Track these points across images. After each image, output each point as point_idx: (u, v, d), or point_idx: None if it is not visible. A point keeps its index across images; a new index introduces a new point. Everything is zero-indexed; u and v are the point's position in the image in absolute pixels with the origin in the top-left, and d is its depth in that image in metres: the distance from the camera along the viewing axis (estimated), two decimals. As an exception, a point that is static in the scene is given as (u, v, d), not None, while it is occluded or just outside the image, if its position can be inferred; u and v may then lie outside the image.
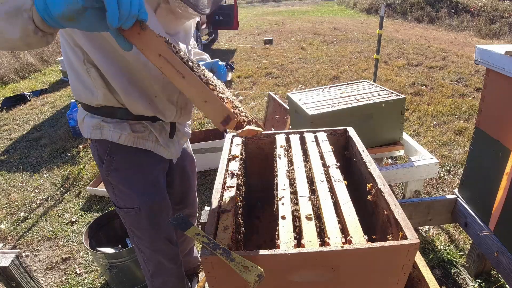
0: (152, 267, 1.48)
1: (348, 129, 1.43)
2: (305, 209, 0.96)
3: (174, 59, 0.71)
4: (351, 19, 13.23)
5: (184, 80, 0.71)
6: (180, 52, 0.87)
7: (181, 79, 0.71)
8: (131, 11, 0.69)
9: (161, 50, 0.70)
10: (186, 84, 0.71)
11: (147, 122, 1.23)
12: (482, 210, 1.79)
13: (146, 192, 1.30)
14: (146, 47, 0.70)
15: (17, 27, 0.72)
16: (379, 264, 0.83)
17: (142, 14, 0.71)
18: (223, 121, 0.73)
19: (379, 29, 3.97)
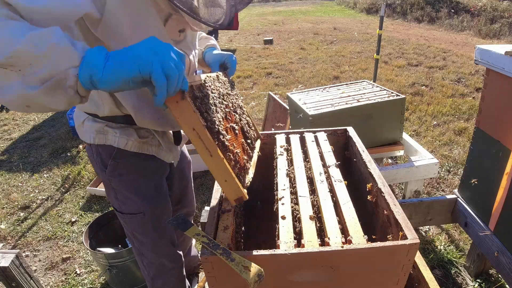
0: (154, 270, 1.47)
1: (348, 129, 1.43)
2: (305, 209, 0.96)
3: (205, 136, 0.74)
4: (351, 19, 13.23)
5: (211, 158, 0.75)
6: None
7: (208, 156, 0.75)
8: (177, 86, 0.71)
9: (196, 125, 0.73)
10: (211, 162, 0.76)
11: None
12: (482, 210, 1.79)
13: (151, 197, 1.29)
14: (181, 117, 0.73)
15: (61, 100, 0.71)
16: (379, 264, 0.83)
17: (184, 85, 0.73)
18: (236, 199, 0.82)
19: (379, 29, 3.97)
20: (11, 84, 0.66)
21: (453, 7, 10.89)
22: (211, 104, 0.92)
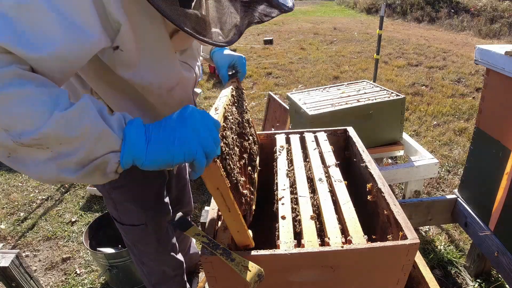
0: (156, 278, 1.45)
1: (348, 129, 1.43)
2: (305, 209, 0.96)
3: (228, 195, 0.76)
4: (351, 19, 13.23)
5: (229, 213, 0.78)
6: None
7: (227, 211, 0.78)
8: (212, 156, 0.69)
9: (221, 185, 0.75)
10: (229, 216, 0.79)
11: None
12: (482, 210, 1.79)
13: (152, 207, 1.28)
14: (209, 178, 0.74)
15: (98, 180, 0.68)
16: (379, 264, 0.83)
17: (217, 151, 0.71)
18: (243, 246, 0.84)
19: (379, 29, 3.97)
20: (37, 160, 0.61)
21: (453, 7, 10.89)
22: (232, 153, 0.94)
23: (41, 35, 0.61)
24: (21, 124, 0.58)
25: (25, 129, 0.58)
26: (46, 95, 0.60)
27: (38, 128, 0.58)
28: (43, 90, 0.61)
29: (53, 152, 0.61)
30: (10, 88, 0.57)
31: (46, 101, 0.60)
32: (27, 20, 0.60)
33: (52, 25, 0.62)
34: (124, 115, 0.70)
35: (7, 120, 0.58)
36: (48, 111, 0.59)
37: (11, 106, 0.58)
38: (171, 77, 0.97)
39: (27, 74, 0.61)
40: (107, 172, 0.66)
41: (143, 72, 0.87)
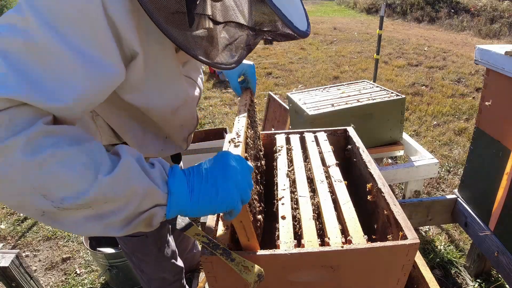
0: (155, 284, 1.44)
1: (348, 129, 1.42)
2: (305, 209, 0.96)
3: (249, 227, 0.78)
4: (351, 19, 13.23)
5: (248, 242, 0.80)
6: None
7: (246, 240, 0.79)
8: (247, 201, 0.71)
9: (244, 219, 0.77)
10: (247, 244, 0.80)
11: None
12: (482, 210, 1.79)
13: None
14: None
15: (143, 229, 0.68)
16: (379, 264, 0.83)
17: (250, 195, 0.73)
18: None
19: (379, 29, 3.97)
20: (78, 219, 0.58)
21: (453, 7, 10.89)
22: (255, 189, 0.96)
23: (60, 81, 0.57)
24: (63, 190, 0.55)
25: (68, 195, 0.55)
26: (84, 155, 0.58)
27: (83, 193, 0.56)
28: (79, 148, 0.58)
29: (96, 212, 0.59)
30: (44, 152, 0.54)
31: (86, 163, 0.57)
32: (40, 64, 0.55)
33: (70, 66, 0.57)
34: (162, 164, 0.69)
35: (46, 185, 0.54)
36: (91, 175, 0.57)
37: (49, 171, 0.54)
38: (177, 98, 0.94)
39: (56, 129, 0.57)
40: (153, 225, 0.67)
41: (148, 95, 0.84)
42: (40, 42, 0.55)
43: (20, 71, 0.54)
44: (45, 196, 0.55)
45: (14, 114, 0.54)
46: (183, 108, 0.99)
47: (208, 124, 4.44)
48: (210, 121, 4.52)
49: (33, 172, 0.53)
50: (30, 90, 0.54)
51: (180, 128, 1.09)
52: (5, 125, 0.53)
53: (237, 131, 0.96)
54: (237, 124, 1.07)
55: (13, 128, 0.53)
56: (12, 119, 0.53)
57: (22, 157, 0.52)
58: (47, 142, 0.54)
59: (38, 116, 0.56)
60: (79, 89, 0.59)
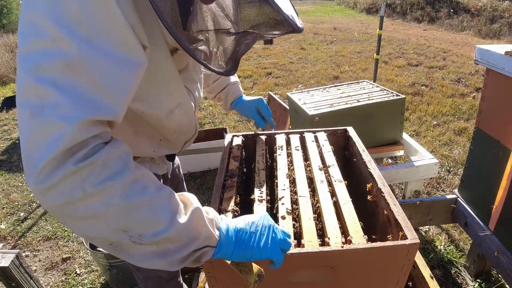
0: (152, 283, 1.45)
1: (348, 129, 1.42)
2: (305, 209, 0.96)
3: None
4: (351, 19, 13.23)
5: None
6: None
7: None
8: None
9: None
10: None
11: None
12: (482, 210, 1.79)
13: None
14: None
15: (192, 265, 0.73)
16: (379, 264, 0.83)
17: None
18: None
19: (379, 29, 3.97)
20: (144, 254, 0.65)
21: (453, 7, 10.89)
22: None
23: (109, 90, 0.61)
24: (144, 228, 0.62)
25: (148, 232, 0.62)
26: (166, 200, 0.66)
27: (160, 233, 0.63)
28: (162, 194, 0.66)
29: (162, 249, 0.66)
30: (136, 198, 0.61)
31: (166, 207, 0.65)
32: (87, 81, 0.58)
33: (111, 73, 0.61)
34: (214, 215, 0.76)
35: (131, 224, 0.61)
36: (170, 218, 0.64)
37: (138, 213, 0.61)
38: (171, 98, 0.95)
39: (140, 175, 0.64)
40: (201, 261, 0.73)
41: (142, 96, 0.86)
42: (80, 58, 0.57)
43: (74, 94, 0.57)
44: (126, 231, 0.62)
45: (106, 156, 0.59)
46: (179, 111, 0.99)
47: (208, 124, 4.44)
48: (210, 121, 4.52)
49: (125, 213, 0.60)
50: (89, 110, 0.58)
51: (177, 133, 1.08)
52: (100, 167, 0.58)
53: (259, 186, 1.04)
54: (257, 178, 1.13)
55: (109, 171, 0.59)
56: (105, 162, 0.59)
57: (119, 201, 0.59)
58: (138, 188, 0.62)
59: (122, 152, 0.63)
60: (124, 90, 0.63)
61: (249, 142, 1.40)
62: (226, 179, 1.12)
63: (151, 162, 1.21)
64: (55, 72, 0.56)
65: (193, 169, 3.36)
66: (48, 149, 0.54)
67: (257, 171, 1.17)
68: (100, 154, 0.58)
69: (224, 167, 1.18)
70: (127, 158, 0.63)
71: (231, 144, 1.35)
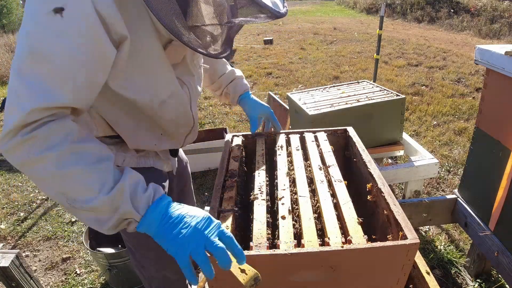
0: (157, 283, 1.43)
1: (348, 129, 1.42)
2: (305, 209, 0.96)
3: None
4: (351, 19, 13.23)
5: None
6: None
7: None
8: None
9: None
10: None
11: None
12: (482, 210, 1.79)
13: None
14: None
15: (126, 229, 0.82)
16: (379, 264, 0.83)
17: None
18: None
19: (379, 29, 3.97)
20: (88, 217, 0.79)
21: (453, 7, 10.89)
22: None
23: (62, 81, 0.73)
24: (75, 195, 0.75)
25: (78, 199, 0.75)
26: (96, 174, 0.76)
27: (87, 202, 0.75)
28: (93, 168, 0.76)
29: (96, 216, 0.78)
30: (67, 167, 0.73)
31: (96, 179, 0.76)
32: (44, 71, 0.71)
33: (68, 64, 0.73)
34: (155, 191, 0.83)
35: (65, 190, 0.75)
36: (97, 191, 0.75)
37: (69, 181, 0.74)
38: (163, 88, 0.98)
39: (80, 148, 0.76)
40: (130, 230, 0.82)
41: (133, 84, 0.91)
42: (41, 49, 0.71)
43: (31, 84, 0.71)
44: (64, 195, 0.76)
45: (49, 131, 0.73)
46: (172, 101, 1.02)
47: (208, 124, 4.44)
48: (210, 121, 4.52)
49: (59, 180, 0.74)
50: (41, 99, 0.71)
51: (174, 125, 1.10)
52: (42, 140, 0.72)
53: (259, 186, 1.05)
54: (258, 178, 1.13)
55: (48, 143, 0.72)
56: (47, 136, 0.73)
57: (53, 169, 0.73)
58: (73, 159, 0.74)
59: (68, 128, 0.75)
60: (80, 79, 0.75)
61: (249, 142, 1.41)
62: (226, 179, 1.12)
63: (156, 158, 1.22)
64: (21, 62, 0.71)
65: (193, 169, 3.35)
66: (8, 125, 0.72)
67: (258, 171, 1.17)
68: (43, 129, 0.72)
69: (224, 167, 1.18)
70: (70, 133, 0.75)
71: (231, 144, 1.35)
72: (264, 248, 0.83)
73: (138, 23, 0.83)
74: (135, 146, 1.10)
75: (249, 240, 0.87)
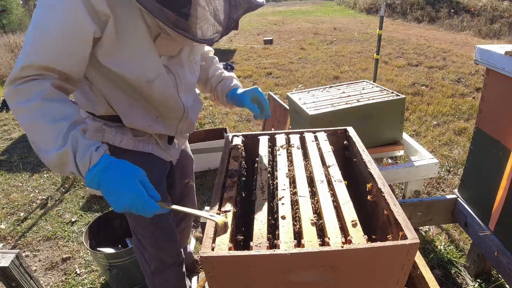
0: (154, 264, 1.49)
1: (348, 129, 1.42)
2: (305, 209, 0.96)
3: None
4: (351, 19, 13.23)
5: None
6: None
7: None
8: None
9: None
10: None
11: None
12: (482, 210, 1.79)
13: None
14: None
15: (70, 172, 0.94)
16: (379, 264, 0.83)
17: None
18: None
19: (379, 29, 3.97)
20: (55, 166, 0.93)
21: (453, 7, 10.89)
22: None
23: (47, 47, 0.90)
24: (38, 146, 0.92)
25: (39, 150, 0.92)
26: (53, 132, 0.89)
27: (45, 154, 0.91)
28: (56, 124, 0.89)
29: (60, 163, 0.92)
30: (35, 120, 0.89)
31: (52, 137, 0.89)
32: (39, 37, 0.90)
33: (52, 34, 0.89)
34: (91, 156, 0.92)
35: (33, 139, 0.91)
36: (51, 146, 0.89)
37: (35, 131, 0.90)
38: (149, 69, 1.06)
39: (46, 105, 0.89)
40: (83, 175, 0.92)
41: (121, 61, 1.01)
42: (38, 19, 0.90)
43: (31, 45, 0.90)
44: (34, 143, 0.92)
45: (30, 87, 0.89)
46: (158, 82, 1.09)
47: (208, 124, 4.44)
48: (210, 121, 4.52)
49: (30, 130, 0.91)
50: (32, 58, 0.90)
51: (164, 107, 1.18)
52: (24, 93, 0.89)
53: (260, 186, 1.08)
54: (258, 177, 1.14)
55: (27, 96, 0.89)
56: (28, 91, 0.89)
57: (26, 120, 0.90)
58: (40, 114, 0.89)
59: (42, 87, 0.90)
60: (60, 47, 0.90)
61: (249, 142, 1.41)
62: (226, 179, 1.12)
63: (156, 146, 1.29)
64: (31, 29, 0.90)
65: (193, 169, 3.35)
66: (10, 75, 0.90)
67: (258, 171, 1.17)
68: (27, 84, 0.89)
69: (224, 167, 1.18)
70: (43, 91, 0.89)
71: (231, 144, 1.35)
72: (264, 248, 0.83)
73: (122, 5, 0.94)
74: (131, 125, 1.18)
75: (249, 239, 0.87)
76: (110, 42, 0.97)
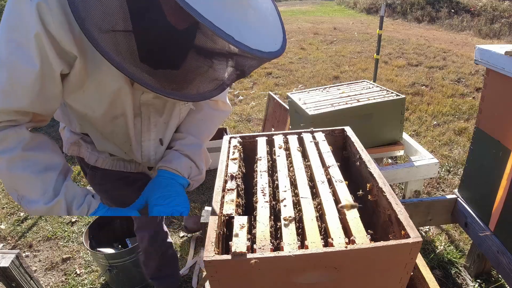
0: (148, 236, 1.58)
1: (345, 129, 1.42)
2: (307, 210, 0.96)
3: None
4: (351, 19, 13.23)
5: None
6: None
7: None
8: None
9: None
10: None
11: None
12: (482, 210, 1.79)
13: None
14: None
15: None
16: (382, 263, 0.83)
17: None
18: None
19: (379, 29, 3.97)
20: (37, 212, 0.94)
21: (453, 7, 10.89)
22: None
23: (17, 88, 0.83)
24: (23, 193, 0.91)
25: (24, 199, 0.91)
26: (40, 183, 0.89)
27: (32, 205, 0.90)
28: (38, 177, 0.89)
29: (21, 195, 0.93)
30: (15, 171, 0.87)
31: (39, 188, 0.89)
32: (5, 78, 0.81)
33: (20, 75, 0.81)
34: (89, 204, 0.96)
35: (16, 188, 0.91)
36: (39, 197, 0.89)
37: (16, 181, 0.89)
38: (113, 106, 0.99)
39: (31, 156, 0.88)
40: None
41: (85, 99, 0.96)
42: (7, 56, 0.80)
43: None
44: (16, 191, 0.91)
45: (6, 135, 0.85)
46: (123, 119, 1.03)
47: (208, 124, 4.43)
48: (210, 121, 4.52)
49: (9, 180, 0.90)
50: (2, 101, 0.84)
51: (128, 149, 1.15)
52: (1, 141, 0.86)
53: (261, 188, 1.08)
54: (259, 180, 1.14)
55: (3, 146, 0.86)
56: (3, 139, 0.86)
57: (5, 170, 0.87)
58: (21, 164, 0.87)
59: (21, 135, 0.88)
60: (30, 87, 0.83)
61: (247, 143, 1.40)
62: (226, 181, 1.12)
63: (135, 164, 1.28)
64: None
65: (193, 169, 3.35)
66: None
67: (258, 173, 1.17)
68: (1, 133, 0.85)
69: (223, 169, 1.17)
70: (23, 140, 0.87)
71: (229, 146, 1.34)
72: (268, 250, 0.82)
73: (88, 46, 0.81)
74: (103, 150, 1.16)
75: (252, 242, 0.87)
76: (76, 79, 0.89)
